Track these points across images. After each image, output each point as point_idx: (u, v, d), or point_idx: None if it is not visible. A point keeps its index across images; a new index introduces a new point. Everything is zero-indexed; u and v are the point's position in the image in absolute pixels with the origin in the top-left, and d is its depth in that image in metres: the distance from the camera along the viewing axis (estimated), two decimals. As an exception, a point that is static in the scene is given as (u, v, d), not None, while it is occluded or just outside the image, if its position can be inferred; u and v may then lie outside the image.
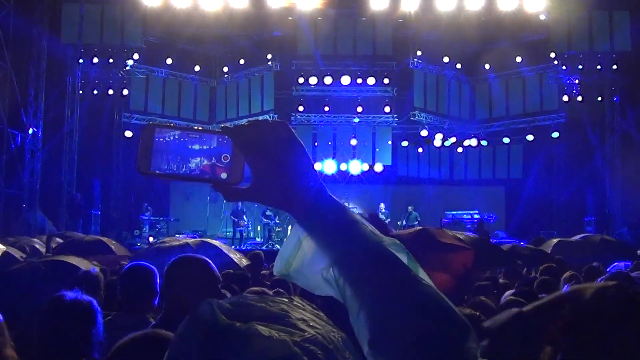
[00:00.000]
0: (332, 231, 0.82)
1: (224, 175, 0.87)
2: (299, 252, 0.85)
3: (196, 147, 0.87)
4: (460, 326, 0.73)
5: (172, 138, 0.87)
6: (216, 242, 7.10)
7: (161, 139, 0.87)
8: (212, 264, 2.60)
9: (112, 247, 8.89)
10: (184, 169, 0.87)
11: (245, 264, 6.62)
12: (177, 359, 0.66)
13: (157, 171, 0.87)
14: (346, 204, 0.99)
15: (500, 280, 6.15)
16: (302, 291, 0.99)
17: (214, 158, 0.87)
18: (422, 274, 0.80)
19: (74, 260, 4.94)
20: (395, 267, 0.79)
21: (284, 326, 0.65)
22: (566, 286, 3.60)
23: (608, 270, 5.70)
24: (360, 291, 0.77)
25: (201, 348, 0.64)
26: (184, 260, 2.64)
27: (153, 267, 3.28)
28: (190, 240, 6.81)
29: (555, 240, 10.41)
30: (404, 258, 0.81)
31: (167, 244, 6.88)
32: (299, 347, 0.63)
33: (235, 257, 6.71)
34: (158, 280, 3.16)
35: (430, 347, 0.71)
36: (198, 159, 0.87)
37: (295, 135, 0.86)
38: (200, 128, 0.92)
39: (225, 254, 6.53)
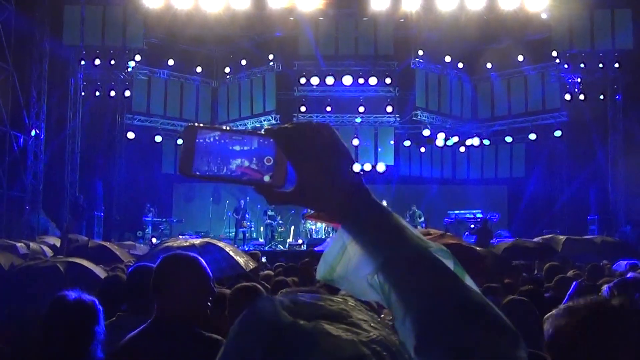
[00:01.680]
0: (379, 236, 0.80)
1: (267, 178, 0.85)
2: (344, 257, 0.84)
3: (239, 148, 0.86)
4: (509, 334, 0.72)
5: (214, 139, 0.86)
6: (222, 244, 6.82)
7: (203, 141, 0.86)
8: (203, 262, 2.52)
9: (117, 253, 8.88)
10: (226, 171, 0.86)
11: (252, 267, 6.49)
12: (237, 356, 0.63)
13: (199, 173, 0.85)
14: None
15: (505, 280, 6.13)
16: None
17: (256, 160, 0.86)
18: (469, 281, 0.78)
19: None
20: (441, 273, 0.77)
21: (349, 326, 0.63)
22: (574, 284, 3.59)
23: (613, 267, 5.70)
24: (406, 297, 0.75)
25: (264, 345, 0.61)
26: (174, 259, 2.56)
27: None
28: (196, 242, 6.47)
29: (562, 238, 10.38)
30: (450, 264, 0.80)
31: (171, 245, 6.64)
32: (366, 347, 0.61)
33: (242, 260, 6.52)
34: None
35: (478, 355, 0.69)
36: (240, 160, 0.86)
37: (340, 138, 0.84)
38: (243, 129, 0.90)
39: (231, 257, 6.25)
